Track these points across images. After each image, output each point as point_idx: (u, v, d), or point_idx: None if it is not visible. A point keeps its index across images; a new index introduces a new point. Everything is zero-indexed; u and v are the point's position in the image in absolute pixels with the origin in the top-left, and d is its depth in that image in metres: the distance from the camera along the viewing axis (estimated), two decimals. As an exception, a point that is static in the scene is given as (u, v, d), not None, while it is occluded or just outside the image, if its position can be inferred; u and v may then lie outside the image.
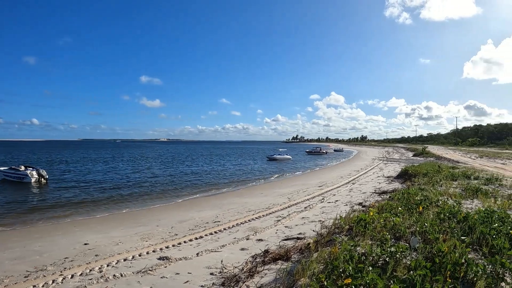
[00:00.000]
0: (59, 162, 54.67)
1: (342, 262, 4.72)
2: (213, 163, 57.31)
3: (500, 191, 12.74)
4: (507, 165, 28.58)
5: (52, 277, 7.15)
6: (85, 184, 27.08)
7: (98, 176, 33.85)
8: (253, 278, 6.02)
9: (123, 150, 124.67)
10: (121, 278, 6.90)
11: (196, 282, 6.43)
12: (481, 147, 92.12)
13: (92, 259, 8.44)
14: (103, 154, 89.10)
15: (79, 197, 20.84)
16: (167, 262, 7.77)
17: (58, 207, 17.64)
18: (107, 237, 10.84)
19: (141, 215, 15.14)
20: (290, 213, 13.13)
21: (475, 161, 33.78)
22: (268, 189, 23.95)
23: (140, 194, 22.48)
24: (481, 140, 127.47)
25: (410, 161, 41.32)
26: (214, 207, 16.34)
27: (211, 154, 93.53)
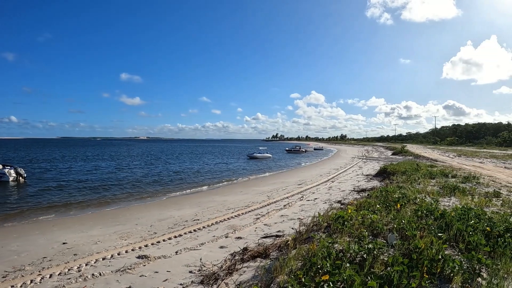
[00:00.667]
0: (38, 161, 53.79)
1: (320, 259, 4.82)
2: (193, 161, 57.13)
3: (477, 189, 13.03)
4: (484, 163, 29.11)
5: (30, 277, 7.13)
6: (64, 183, 26.74)
7: (76, 174, 33.44)
8: (232, 275, 6.09)
9: (104, 148, 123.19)
10: (100, 277, 6.91)
11: (175, 281, 6.48)
12: (459, 146, 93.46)
13: (70, 259, 8.42)
14: (83, 152, 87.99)
15: (57, 196, 20.61)
16: (146, 261, 7.80)
17: (36, 206, 17.42)
18: (86, 236, 10.80)
19: (120, 214, 15.07)
20: (269, 211, 13.23)
21: (453, 160, 34.31)
22: (247, 187, 24.02)
23: (120, 193, 22.33)
24: (459, 139, 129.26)
25: (389, 159, 41.81)
26: (194, 205, 16.35)
27: (191, 153, 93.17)
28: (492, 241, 5.71)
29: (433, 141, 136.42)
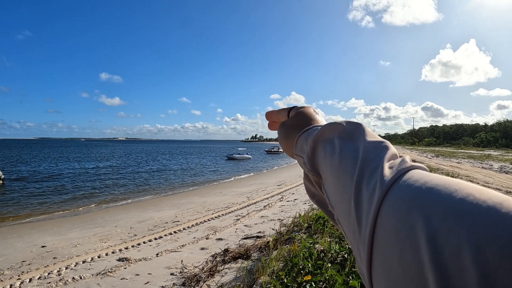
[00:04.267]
0: (16, 162, 53.10)
1: (301, 259, 4.88)
2: (172, 162, 57.03)
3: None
4: (462, 164, 29.65)
5: (9, 282, 7.05)
6: (42, 185, 26.39)
7: (55, 176, 33.03)
8: (214, 277, 6.12)
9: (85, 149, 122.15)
10: (81, 281, 6.87)
11: (157, 283, 6.48)
12: (437, 147, 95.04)
13: (50, 262, 8.34)
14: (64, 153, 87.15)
15: (35, 198, 20.32)
16: (126, 263, 7.78)
17: (13, 208, 17.16)
18: (65, 239, 10.69)
19: (99, 216, 14.95)
20: (249, 212, 13.27)
21: (431, 160, 34.84)
22: (227, 188, 24.03)
23: (98, 194, 22.15)
24: (437, 140, 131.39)
25: (367, 159, 42.03)
26: (173, 207, 16.31)
27: (170, 153, 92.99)
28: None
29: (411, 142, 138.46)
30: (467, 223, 0.33)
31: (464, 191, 0.37)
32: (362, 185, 0.49)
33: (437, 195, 0.38)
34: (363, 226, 0.46)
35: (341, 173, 0.57)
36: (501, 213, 0.32)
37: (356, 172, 0.52)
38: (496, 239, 0.30)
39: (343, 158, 0.59)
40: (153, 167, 46.02)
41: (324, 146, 0.67)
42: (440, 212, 0.36)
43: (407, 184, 0.43)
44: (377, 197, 0.44)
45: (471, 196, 0.36)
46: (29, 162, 54.13)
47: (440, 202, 0.37)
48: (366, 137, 0.62)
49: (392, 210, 0.42)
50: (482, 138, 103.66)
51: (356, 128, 0.65)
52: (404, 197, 0.41)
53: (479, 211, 0.33)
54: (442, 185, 0.40)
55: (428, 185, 0.41)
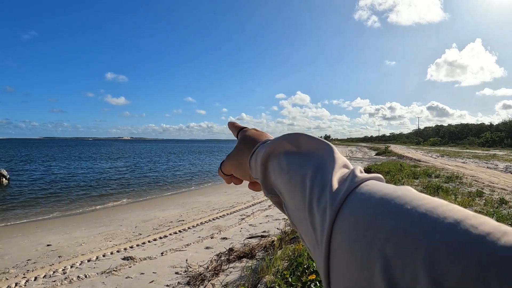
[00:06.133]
0: (21, 161, 53.20)
1: (306, 259, 4.87)
2: (177, 161, 56.98)
3: (460, 189, 13.24)
4: (467, 164, 29.45)
5: (15, 280, 7.07)
6: (47, 184, 26.39)
7: (60, 175, 33.03)
8: (219, 276, 6.12)
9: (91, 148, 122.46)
10: (86, 279, 6.88)
11: (161, 282, 6.48)
12: (442, 147, 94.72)
13: (55, 261, 8.35)
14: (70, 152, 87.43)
15: (40, 197, 20.31)
16: (131, 262, 7.78)
17: (19, 207, 17.19)
18: (70, 238, 10.71)
19: (104, 215, 14.96)
20: (254, 212, 13.25)
21: (436, 160, 34.66)
22: (232, 188, 23.98)
23: (103, 193, 22.15)
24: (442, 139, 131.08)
25: (373, 159, 42.02)
26: (178, 206, 16.31)
27: (175, 153, 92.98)
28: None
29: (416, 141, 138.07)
30: (424, 251, 0.31)
31: (421, 207, 0.36)
32: (313, 207, 0.48)
33: (389, 214, 0.37)
34: (319, 249, 0.45)
35: (293, 194, 0.56)
36: (462, 235, 0.30)
37: (306, 193, 0.52)
38: (456, 272, 0.29)
39: (292, 178, 0.58)
40: (159, 166, 45.98)
41: (272, 166, 0.66)
42: (394, 238, 0.35)
43: (357, 205, 0.42)
44: (328, 221, 0.43)
45: (428, 214, 0.34)
46: (37, 161, 54.18)
47: (394, 224, 0.36)
48: (311, 150, 0.62)
49: (343, 235, 0.41)
50: (488, 138, 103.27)
51: (299, 141, 0.65)
52: (355, 220, 0.41)
53: (441, 234, 0.32)
54: (396, 202, 0.38)
55: (380, 202, 0.40)
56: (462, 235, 0.30)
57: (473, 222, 0.31)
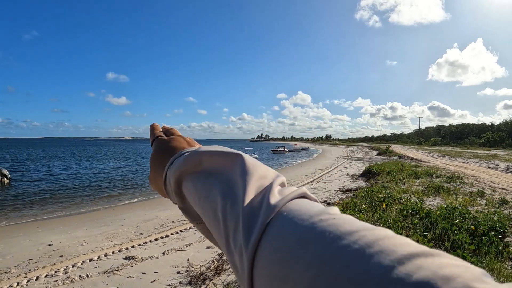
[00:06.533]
0: (22, 161, 53.25)
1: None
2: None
3: (461, 189, 13.22)
4: (468, 164, 29.46)
5: (16, 280, 7.07)
6: (49, 184, 26.42)
7: (62, 175, 33.09)
8: (220, 276, 6.12)
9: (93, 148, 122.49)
10: (87, 279, 6.88)
11: (163, 281, 6.49)
12: (443, 147, 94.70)
13: (57, 260, 8.36)
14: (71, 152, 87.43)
15: (42, 197, 20.31)
16: (133, 262, 7.79)
17: (20, 207, 17.20)
18: (71, 238, 10.71)
19: (105, 215, 14.97)
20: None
21: (437, 160, 34.65)
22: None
23: (104, 193, 22.13)
24: (443, 139, 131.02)
25: (374, 159, 42.00)
26: (180, 206, 16.28)
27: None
28: (476, 240, 5.83)
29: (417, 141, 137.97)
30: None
31: (346, 248, 0.31)
32: (230, 246, 0.43)
33: (309, 258, 0.33)
34: (242, 286, 0.41)
35: (210, 227, 0.51)
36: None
37: (221, 229, 0.46)
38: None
39: (204, 209, 0.52)
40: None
41: (185, 186, 0.59)
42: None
43: (274, 245, 0.38)
44: (246, 266, 0.39)
45: (353, 259, 0.30)
46: (39, 161, 54.15)
47: (315, 273, 0.31)
48: (216, 169, 0.55)
49: (263, 282, 0.37)
50: (489, 138, 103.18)
51: (201, 159, 0.57)
52: (272, 265, 0.36)
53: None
54: (318, 240, 0.34)
55: (299, 241, 0.35)
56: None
57: (407, 268, 0.27)
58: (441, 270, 0.26)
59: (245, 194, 0.45)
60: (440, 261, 0.27)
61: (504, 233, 6.42)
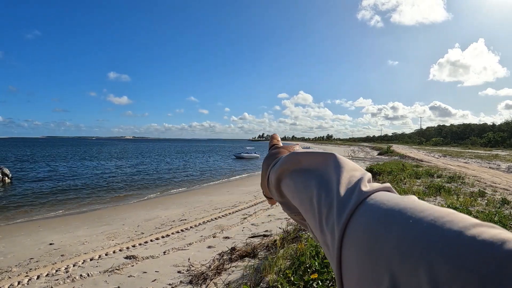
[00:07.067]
0: (24, 161, 53.25)
1: (308, 258, 4.86)
2: (179, 161, 57.08)
3: (462, 189, 13.21)
4: (469, 164, 29.40)
5: (17, 279, 7.09)
6: (50, 183, 26.42)
7: (64, 175, 33.08)
8: (221, 275, 6.13)
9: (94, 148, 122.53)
10: (88, 278, 6.90)
11: (164, 281, 6.50)
12: (445, 147, 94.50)
13: (58, 259, 8.37)
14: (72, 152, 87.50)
15: (43, 196, 20.36)
16: (134, 261, 7.80)
17: (22, 206, 17.21)
18: (73, 237, 10.73)
19: (106, 214, 14.98)
20: (256, 211, 13.26)
21: (439, 160, 34.60)
22: (234, 187, 24.00)
23: (105, 192, 22.17)
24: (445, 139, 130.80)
25: (375, 159, 41.93)
26: (180, 205, 16.31)
27: (178, 152, 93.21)
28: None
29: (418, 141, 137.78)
30: (426, 266, 0.33)
31: (423, 219, 0.37)
32: (323, 227, 0.50)
33: (393, 229, 0.39)
34: (333, 266, 0.46)
35: (307, 215, 0.57)
36: (462, 247, 0.32)
37: (316, 213, 0.53)
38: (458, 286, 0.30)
39: (302, 200, 0.59)
40: (161, 165, 46.00)
41: (284, 188, 0.68)
42: (398, 253, 0.36)
43: (362, 221, 0.43)
44: (336, 239, 0.45)
45: (430, 226, 0.36)
46: (41, 161, 54.10)
47: (398, 240, 0.37)
48: (312, 166, 0.62)
49: (352, 252, 0.42)
50: (490, 138, 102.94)
51: (300, 160, 0.65)
52: (361, 237, 0.42)
53: (440, 248, 0.33)
54: (400, 215, 0.40)
55: (384, 217, 0.41)
56: (462, 247, 0.32)
57: (473, 232, 0.33)
58: (499, 235, 0.32)
59: (338, 184, 0.52)
60: (497, 230, 0.33)
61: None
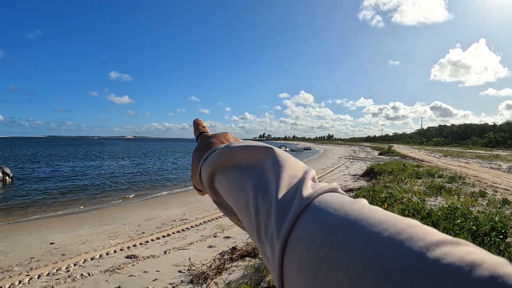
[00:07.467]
0: (25, 160, 53.25)
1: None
2: (180, 160, 57.09)
3: (463, 189, 13.21)
4: (470, 164, 29.43)
5: (18, 278, 7.09)
6: (51, 183, 26.43)
7: (64, 174, 33.10)
8: (221, 275, 6.13)
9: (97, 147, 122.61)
10: (89, 278, 6.90)
11: (165, 280, 6.50)
12: (445, 147, 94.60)
13: (58, 259, 8.37)
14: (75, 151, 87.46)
15: (44, 195, 20.34)
16: (135, 261, 7.80)
17: (22, 206, 17.21)
18: (73, 236, 10.73)
19: (107, 214, 14.99)
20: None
21: (439, 160, 34.61)
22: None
23: (107, 192, 22.17)
24: (446, 139, 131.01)
25: (376, 159, 41.92)
26: (181, 205, 16.31)
27: (179, 151, 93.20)
28: (478, 240, 5.83)
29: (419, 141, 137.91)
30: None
31: (378, 235, 0.32)
32: (262, 236, 0.44)
33: (343, 247, 0.34)
34: (273, 276, 0.41)
35: (243, 219, 0.52)
36: (423, 275, 0.27)
37: (253, 220, 0.47)
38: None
39: (236, 202, 0.54)
40: (162, 165, 45.98)
41: (217, 181, 0.61)
42: (349, 275, 0.31)
43: (306, 235, 0.38)
44: (277, 255, 0.40)
45: (386, 244, 0.31)
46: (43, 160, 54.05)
47: (349, 260, 0.32)
48: (248, 163, 0.56)
49: (294, 271, 0.37)
50: (491, 138, 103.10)
51: (233, 154, 0.59)
52: (304, 254, 0.37)
53: (399, 274, 0.28)
54: (350, 229, 0.35)
55: (332, 230, 0.36)
56: (424, 274, 0.27)
57: (437, 253, 0.28)
58: (467, 256, 0.27)
59: (278, 186, 0.46)
60: (466, 249, 0.29)
61: (506, 234, 6.42)
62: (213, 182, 0.62)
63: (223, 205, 0.65)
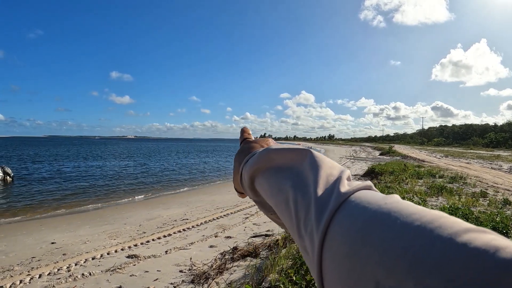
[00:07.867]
0: (26, 160, 53.18)
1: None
2: (181, 160, 57.04)
3: (464, 189, 13.21)
4: (471, 164, 29.38)
5: (19, 277, 7.10)
6: (52, 182, 26.37)
7: (65, 174, 33.04)
8: (223, 274, 6.13)
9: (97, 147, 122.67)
10: (90, 277, 6.90)
11: (166, 280, 6.51)
12: (446, 147, 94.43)
13: (59, 258, 8.38)
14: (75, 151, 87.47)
15: (45, 195, 20.33)
16: (136, 260, 7.80)
17: (23, 205, 17.22)
18: (74, 236, 10.74)
19: (108, 213, 14.99)
20: (258, 211, 13.24)
21: (440, 160, 34.57)
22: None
23: (108, 192, 22.15)
24: (447, 140, 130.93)
25: (377, 159, 41.86)
26: (182, 205, 16.32)
27: (179, 152, 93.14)
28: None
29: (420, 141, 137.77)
30: (415, 277, 0.30)
31: (411, 225, 0.34)
32: (301, 231, 0.47)
33: (379, 236, 0.36)
34: (313, 274, 0.43)
35: (283, 218, 0.54)
36: (453, 257, 0.29)
37: (293, 217, 0.50)
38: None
39: (277, 202, 0.56)
40: (163, 165, 45.95)
41: (257, 183, 0.65)
42: (385, 262, 0.33)
43: (344, 226, 0.40)
44: (316, 247, 0.42)
45: (419, 232, 0.33)
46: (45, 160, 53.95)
47: (384, 247, 0.34)
48: (286, 164, 0.59)
49: (333, 261, 0.39)
50: (492, 138, 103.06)
51: (271, 157, 0.62)
52: (342, 244, 0.39)
53: (430, 261, 0.30)
54: (385, 220, 0.37)
55: (368, 222, 0.38)
56: (453, 256, 0.29)
57: (464, 238, 0.30)
58: (492, 242, 0.29)
59: (316, 184, 0.48)
60: (491, 236, 0.31)
61: (507, 234, 6.42)
62: (253, 183, 0.67)
63: (263, 205, 0.69)
